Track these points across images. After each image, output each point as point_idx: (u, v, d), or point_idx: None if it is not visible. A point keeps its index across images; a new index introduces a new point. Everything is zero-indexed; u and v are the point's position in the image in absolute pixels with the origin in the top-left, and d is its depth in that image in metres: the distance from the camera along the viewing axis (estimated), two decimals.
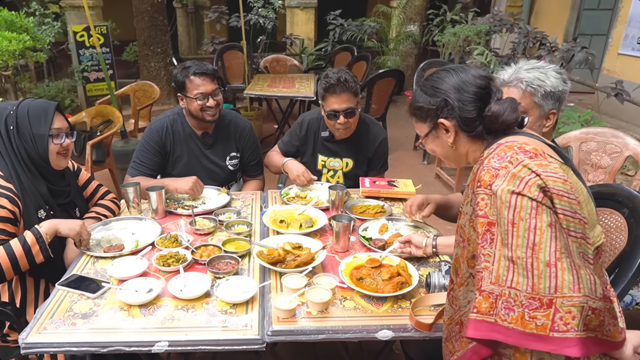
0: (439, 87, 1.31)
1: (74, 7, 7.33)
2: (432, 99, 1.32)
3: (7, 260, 1.63)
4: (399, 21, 8.07)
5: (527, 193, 1.06)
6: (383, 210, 2.23)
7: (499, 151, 1.17)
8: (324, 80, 2.40)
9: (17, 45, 4.62)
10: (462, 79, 1.29)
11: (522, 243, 1.06)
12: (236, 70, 6.88)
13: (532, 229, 1.05)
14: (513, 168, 1.11)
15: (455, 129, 1.31)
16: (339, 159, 2.62)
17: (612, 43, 6.51)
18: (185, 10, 10.07)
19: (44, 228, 1.71)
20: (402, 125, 6.70)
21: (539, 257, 1.03)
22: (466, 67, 1.33)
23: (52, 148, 1.82)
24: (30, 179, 1.79)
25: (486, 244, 1.13)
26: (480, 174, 1.16)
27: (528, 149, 1.15)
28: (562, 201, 1.07)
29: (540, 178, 1.07)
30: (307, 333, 1.43)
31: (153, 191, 2.11)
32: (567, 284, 1.02)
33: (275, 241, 1.88)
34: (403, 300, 1.57)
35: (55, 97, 6.28)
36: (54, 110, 1.83)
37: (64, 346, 1.38)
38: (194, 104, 2.37)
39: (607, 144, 2.93)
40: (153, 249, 1.86)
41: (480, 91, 1.27)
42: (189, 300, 1.55)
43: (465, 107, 1.27)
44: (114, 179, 4.08)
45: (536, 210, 1.06)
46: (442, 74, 1.34)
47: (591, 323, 1.04)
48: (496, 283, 1.08)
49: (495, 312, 1.08)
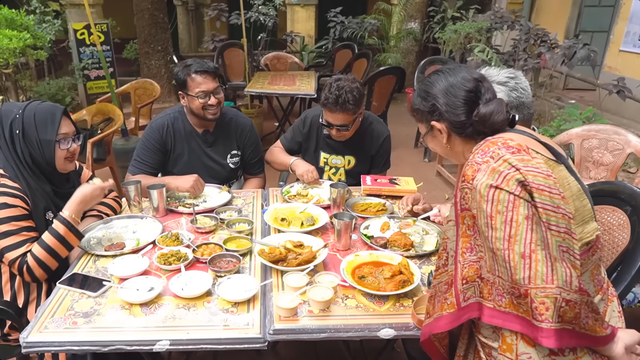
0: (429, 91, 1.35)
1: (74, 4, 7.31)
2: (424, 102, 1.37)
3: (44, 253, 1.70)
4: (399, 18, 8.05)
5: (505, 187, 1.10)
6: (384, 208, 2.22)
7: (484, 147, 1.21)
8: (326, 92, 2.34)
9: (18, 43, 4.61)
10: (451, 83, 1.31)
11: (499, 236, 1.10)
12: (237, 67, 6.87)
13: (508, 222, 1.09)
14: (494, 163, 1.14)
15: (447, 130, 1.34)
16: (341, 156, 2.62)
17: (613, 40, 6.48)
18: (186, 7, 10.06)
19: (67, 213, 1.77)
20: (403, 123, 6.68)
21: (514, 249, 1.08)
22: (457, 69, 1.35)
23: (60, 154, 1.82)
24: (36, 181, 1.79)
25: (477, 235, 1.19)
26: (465, 169, 1.20)
27: (512, 144, 1.18)
28: (543, 195, 1.09)
29: (520, 172, 1.10)
30: (309, 332, 1.43)
31: (154, 189, 2.11)
32: (541, 275, 1.05)
33: (276, 239, 1.88)
34: (405, 298, 1.56)
35: (55, 95, 6.27)
36: (61, 115, 1.81)
37: (65, 345, 1.37)
38: (196, 102, 2.37)
39: (608, 141, 2.93)
40: (154, 248, 1.86)
41: (468, 94, 1.30)
42: (190, 299, 1.55)
43: (453, 111, 1.30)
44: (114, 177, 4.07)
45: (513, 203, 1.09)
46: (433, 78, 1.37)
47: (566, 315, 1.06)
48: (490, 272, 1.15)
49: (492, 299, 1.16)
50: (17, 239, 1.69)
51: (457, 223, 1.24)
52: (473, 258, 1.20)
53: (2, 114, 1.78)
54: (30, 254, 1.69)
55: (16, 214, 1.71)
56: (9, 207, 1.70)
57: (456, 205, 1.24)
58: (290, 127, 2.81)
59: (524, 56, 4.96)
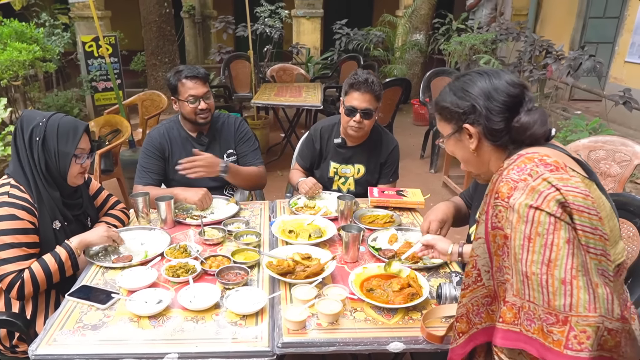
0: (469, 90, 1.26)
1: (83, 17, 7.42)
2: (460, 101, 1.27)
3: (42, 274, 1.72)
4: (404, 30, 8.10)
5: (546, 208, 1.04)
6: (392, 220, 2.22)
7: (519, 163, 1.13)
8: (352, 77, 2.43)
9: (27, 55, 4.67)
10: (494, 86, 1.23)
11: (537, 259, 1.03)
12: (243, 79, 6.92)
13: (548, 245, 1.03)
14: (532, 181, 1.08)
15: (479, 136, 1.27)
16: (351, 165, 2.63)
17: (618, 51, 6.49)
18: (193, 20, 10.15)
19: (74, 243, 1.80)
20: (409, 134, 6.69)
21: (554, 274, 1.01)
22: (501, 72, 1.26)
23: (74, 168, 1.84)
24: (47, 190, 1.80)
25: (505, 257, 1.11)
26: (499, 185, 1.13)
27: (549, 161, 1.11)
28: (582, 217, 1.04)
29: (560, 193, 1.05)
30: (318, 345, 1.42)
31: (162, 201, 2.12)
32: (583, 302, 1.00)
33: (284, 251, 1.87)
34: (414, 311, 1.55)
35: (64, 107, 6.34)
36: (83, 131, 1.84)
37: (73, 357, 1.37)
38: (187, 107, 2.41)
39: (616, 152, 2.91)
40: (162, 260, 1.86)
41: (512, 100, 1.22)
42: (199, 312, 1.54)
43: (492, 117, 1.23)
44: (121, 188, 4.10)
45: (554, 226, 1.03)
46: (474, 77, 1.27)
47: (607, 344, 1.01)
48: (517, 296, 1.08)
49: (519, 322, 1.08)
50: (17, 252, 1.70)
51: (487, 241, 1.17)
52: (501, 279, 1.14)
53: (24, 119, 1.80)
54: (29, 270, 1.70)
55: (21, 227, 1.72)
56: (16, 219, 1.71)
57: (487, 222, 1.16)
58: (300, 145, 2.84)
59: (529, 67, 4.97)
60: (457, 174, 4.90)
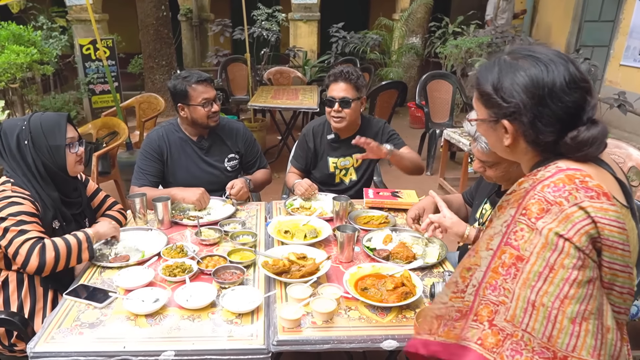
0: (518, 83, 1.04)
1: (80, 20, 7.44)
2: (504, 93, 1.06)
3: (63, 245, 1.73)
4: (401, 33, 8.14)
5: (577, 242, 0.95)
6: (387, 220, 2.24)
7: (557, 181, 0.99)
8: (331, 73, 2.54)
9: (25, 58, 4.68)
10: (549, 86, 1.01)
11: (553, 291, 0.95)
12: (240, 82, 6.94)
13: (570, 281, 0.95)
14: (568, 208, 0.96)
15: (516, 134, 1.09)
16: (349, 156, 2.67)
17: (613, 54, 6.54)
18: (190, 23, 10.17)
19: (90, 232, 1.85)
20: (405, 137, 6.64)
21: (566, 311, 0.94)
22: (561, 63, 1.03)
23: (70, 158, 1.88)
24: (45, 190, 1.82)
25: (509, 278, 1.01)
26: (530, 202, 1.00)
27: (591, 185, 0.98)
28: (615, 254, 0.97)
29: (595, 226, 0.95)
30: (312, 343, 1.44)
31: (159, 202, 2.14)
32: (588, 347, 0.95)
33: (280, 251, 1.90)
34: (407, 310, 1.58)
35: (61, 109, 6.33)
36: (66, 121, 1.87)
37: (71, 355, 1.39)
38: (200, 111, 2.42)
39: (610, 154, 2.90)
40: (159, 259, 1.88)
41: (567, 110, 1.02)
42: (195, 310, 1.56)
43: (540, 127, 1.04)
44: (119, 190, 4.11)
45: (583, 262, 0.95)
46: (528, 63, 1.04)
47: None
48: (511, 322, 0.99)
49: (499, 351, 0.99)
50: (34, 227, 1.73)
51: (494, 255, 1.05)
52: (492, 299, 1.03)
53: (5, 130, 1.83)
54: (51, 240, 1.72)
55: (31, 210, 1.76)
56: (23, 205, 1.74)
57: (504, 235, 1.04)
58: (295, 148, 2.88)
59: None
60: (452, 177, 4.92)
